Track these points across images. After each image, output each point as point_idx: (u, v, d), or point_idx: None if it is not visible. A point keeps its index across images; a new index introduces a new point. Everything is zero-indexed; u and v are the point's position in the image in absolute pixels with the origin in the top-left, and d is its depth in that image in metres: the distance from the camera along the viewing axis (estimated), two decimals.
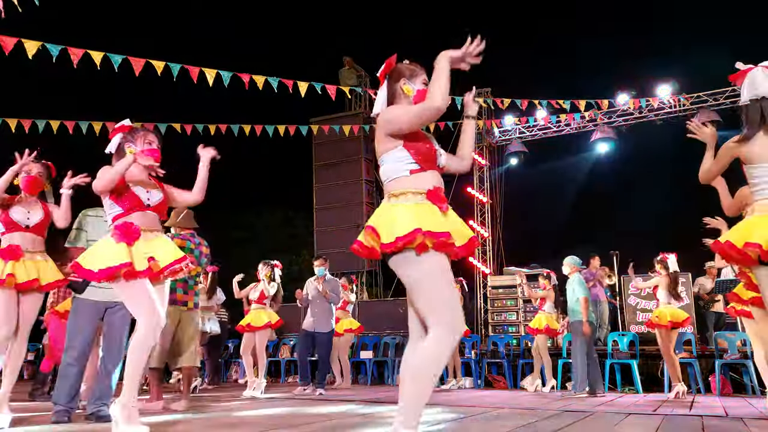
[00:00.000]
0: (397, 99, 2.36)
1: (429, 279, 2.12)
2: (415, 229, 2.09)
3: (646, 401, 5.64)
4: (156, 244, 2.97)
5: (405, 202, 2.20)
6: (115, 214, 2.94)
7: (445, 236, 2.13)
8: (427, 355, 2.07)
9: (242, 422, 3.68)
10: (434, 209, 2.20)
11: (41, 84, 13.40)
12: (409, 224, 2.11)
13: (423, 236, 2.08)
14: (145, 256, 2.85)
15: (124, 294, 2.87)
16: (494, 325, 10.42)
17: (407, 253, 2.12)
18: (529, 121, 11.85)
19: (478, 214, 12.63)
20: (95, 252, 2.91)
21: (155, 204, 3.06)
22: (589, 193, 13.69)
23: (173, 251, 3.02)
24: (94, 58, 6.00)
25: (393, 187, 2.25)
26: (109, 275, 2.77)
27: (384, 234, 2.15)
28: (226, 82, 6.77)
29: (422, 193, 2.22)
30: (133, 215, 2.94)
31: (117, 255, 2.79)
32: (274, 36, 20.39)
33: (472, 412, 4.25)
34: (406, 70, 2.38)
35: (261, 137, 8.36)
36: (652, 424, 3.63)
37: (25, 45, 5.62)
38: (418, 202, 2.20)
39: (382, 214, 2.23)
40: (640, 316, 8.77)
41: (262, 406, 4.86)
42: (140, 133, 3.09)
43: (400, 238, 2.09)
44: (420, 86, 2.36)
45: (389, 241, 2.12)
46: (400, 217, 2.15)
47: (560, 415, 4.08)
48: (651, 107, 11.04)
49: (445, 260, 2.19)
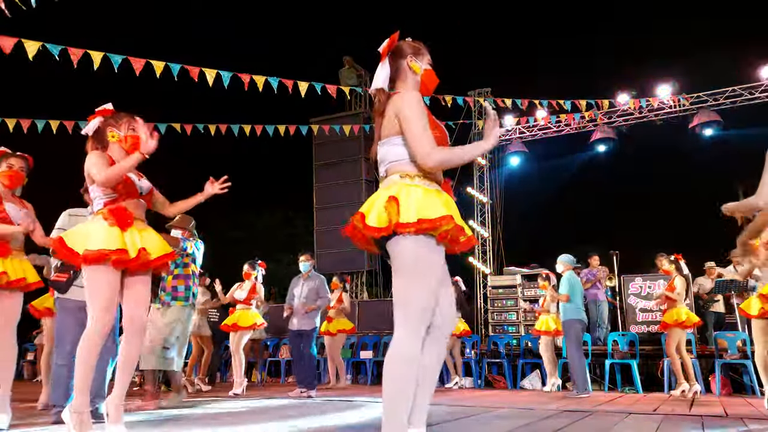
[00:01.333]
0: (402, 75, 2.21)
1: (431, 272, 1.97)
2: (447, 215, 1.92)
3: (646, 401, 5.64)
4: (147, 235, 2.84)
5: (425, 185, 2.01)
6: (108, 199, 2.78)
7: (462, 232, 2.01)
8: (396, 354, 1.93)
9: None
10: (453, 201, 2.07)
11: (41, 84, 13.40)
12: (440, 209, 1.93)
13: (453, 225, 1.93)
14: (137, 245, 2.72)
15: (91, 281, 2.67)
16: (494, 325, 10.41)
17: (424, 238, 1.94)
18: (529, 121, 11.86)
19: (478, 214, 12.63)
20: (83, 232, 2.73)
21: (145, 193, 2.96)
22: (589, 193, 13.70)
23: (163, 245, 2.90)
24: (94, 58, 6.00)
25: (406, 168, 2.05)
26: (97, 258, 2.60)
27: (405, 211, 1.92)
28: (226, 82, 6.77)
29: (439, 181, 2.08)
30: (127, 202, 2.81)
31: (110, 239, 2.64)
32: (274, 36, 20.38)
33: (472, 412, 4.25)
34: (410, 48, 2.23)
35: (261, 137, 8.36)
36: (652, 424, 3.62)
37: (25, 45, 5.62)
38: (437, 189, 2.05)
39: (402, 191, 1.98)
40: (640, 316, 8.76)
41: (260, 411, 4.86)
42: (124, 119, 2.96)
43: (424, 220, 1.89)
44: (426, 65, 2.23)
45: (409, 220, 1.90)
46: (427, 198, 1.96)
47: (560, 415, 4.08)
48: (651, 107, 11.04)
49: (444, 259, 2.06)
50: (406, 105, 2.06)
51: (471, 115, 12.43)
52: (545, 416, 4.00)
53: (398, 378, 1.91)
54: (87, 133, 2.98)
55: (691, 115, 10.81)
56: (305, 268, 6.59)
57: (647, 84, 10.77)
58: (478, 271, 12.22)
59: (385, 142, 2.13)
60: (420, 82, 2.23)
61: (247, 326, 6.51)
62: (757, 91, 10.58)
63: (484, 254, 12.41)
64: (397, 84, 2.22)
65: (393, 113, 2.09)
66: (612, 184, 13.72)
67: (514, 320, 10.25)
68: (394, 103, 2.10)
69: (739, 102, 10.63)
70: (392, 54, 2.22)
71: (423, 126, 2.03)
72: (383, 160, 2.15)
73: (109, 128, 2.95)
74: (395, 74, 2.21)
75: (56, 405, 3.63)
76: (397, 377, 1.91)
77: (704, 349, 7.63)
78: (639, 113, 11.36)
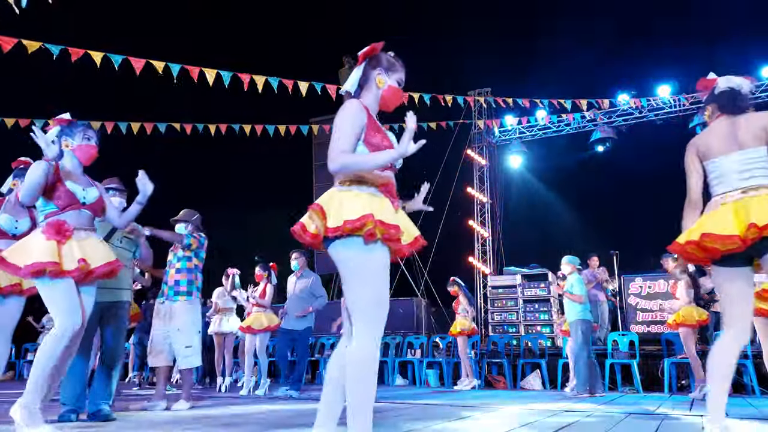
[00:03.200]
0: (368, 84, 2.28)
1: (368, 271, 2.04)
2: (368, 214, 2.01)
3: (646, 401, 5.64)
4: (88, 244, 2.89)
5: (358, 190, 2.12)
6: (48, 212, 2.86)
7: (395, 228, 2.06)
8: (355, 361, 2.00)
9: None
10: (387, 202, 2.13)
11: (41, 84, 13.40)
12: (361, 209, 2.03)
13: (374, 223, 2.01)
14: (76, 256, 2.78)
15: (44, 292, 2.77)
16: (494, 325, 10.42)
17: (353, 239, 2.04)
18: (530, 121, 11.86)
19: (478, 214, 12.64)
20: (23, 247, 2.81)
21: (91, 202, 3.00)
22: (588, 192, 13.70)
23: (106, 254, 2.95)
24: (94, 58, 6.01)
25: (346, 175, 2.16)
26: (34, 271, 2.69)
27: (332, 216, 2.05)
28: (226, 82, 6.78)
29: (376, 185, 2.15)
30: (68, 213, 2.86)
31: (45, 251, 2.72)
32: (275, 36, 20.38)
33: (472, 412, 4.25)
34: (386, 61, 2.29)
35: (261, 137, 8.36)
36: (652, 424, 3.62)
37: (25, 45, 5.62)
38: (372, 192, 2.13)
39: (331, 197, 2.14)
40: (640, 316, 8.77)
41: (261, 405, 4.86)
42: (80, 128, 3.03)
43: (348, 222, 2.00)
44: (393, 83, 2.28)
45: (336, 224, 2.02)
46: (351, 201, 2.07)
47: (560, 415, 4.08)
48: (651, 107, 11.05)
49: (387, 258, 2.12)
50: (339, 114, 2.16)
51: (471, 115, 12.43)
52: (545, 416, 4.00)
53: (363, 381, 1.98)
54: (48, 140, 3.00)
55: (691, 115, 10.81)
56: (296, 267, 6.60)
57: (647, 84, 10.78)
58: (478, 271, 12.22)
59: None
60: (381, 96, 2.29)
61: (261, 329, 6.51)
62: (757, 91, 10.58)
63: (484, 254, 12.41)
64: (362, 92, 2.30)
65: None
66: (612, 184, 13.71)
67: (514, 320, 10.25)
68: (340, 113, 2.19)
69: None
70: (368, 61, 2.30)
71: (344, 133, 2.11)
72: None
73: (64, 138, 3.00)
74: (363, 82, 2.30)
75: (65, 404, 3.61)
76: (362, 380, 1.98)
77: (704, 349, 7.62)
78: (639, 113, 11.36)
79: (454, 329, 7.88)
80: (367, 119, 2.17)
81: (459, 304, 7.95)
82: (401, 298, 10.18)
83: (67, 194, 2.89)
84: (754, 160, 2.46)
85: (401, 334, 9.31)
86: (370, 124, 2.17)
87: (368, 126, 2.16)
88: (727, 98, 2.64)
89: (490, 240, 12.40)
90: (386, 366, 8.93)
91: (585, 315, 6.39)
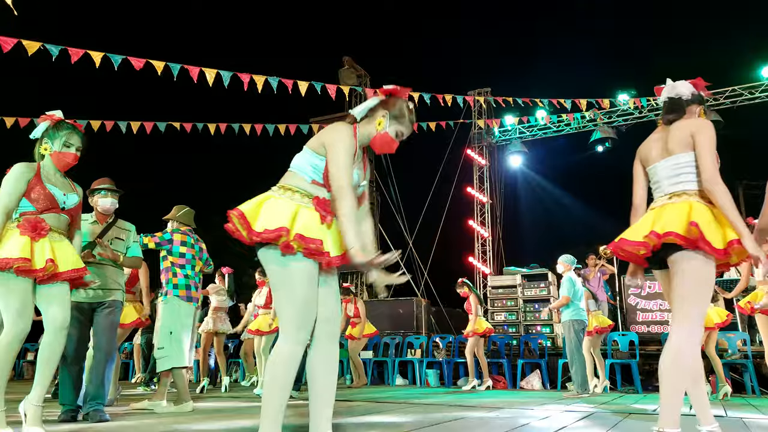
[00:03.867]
0: (370, 118, 2.34)
1: (287, 282, 2.10)
2: (281, 227, 2.06)
3: (646, 401, 5.64)
4: (60, 246, 2.85)
5: (290, 200, 2.16)
6: (26, 212, 2.82)
7: (316, 243, 2.07)
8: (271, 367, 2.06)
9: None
10: (315, 216, 2.15)
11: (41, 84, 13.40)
12: (280, 220, 2.08)
13: (287, 236, 2.05)
14: (46, 255, 2.74)
15: (2, 287, 2.68)
16: (494, 325, 10.40)
17: (274, 250, 2.10)
18: (530, 120, 11.86)
19: (478, 214, 12.64)
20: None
21: (70, 207, 2.97)
22: (588, 192, 13.71)
23: (75, 259, 2.91)
24: (94, 58, 6.00)
25: (287, 180, 2.23)
26: (2, 266, 2.64)
27: (257, 222, 2.11)
28: (226, 82, 6.77)
29: (310, 197, 2.19)
30: (46, 215, 2.83)
31: (17, 247, 2.68)
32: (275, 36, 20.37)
33: (472, 412, 4.25)
34: (398, 110, 2.32)
35: (261, 137, 8.37)
36: (652, 424, 3.62)
37: (25, 45, 5.62)
38: (303, 204, 2.17)
39: (261, 203, 2.18)
40: (640, 316, 8.77)
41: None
42: (64, 133, 2.96)
43: (268, 231, 2.06)
44: (391, 131, 2.32)
45: (258, 231, 2.08)
46: (276, 210, 2.12)
47: (560, 415, 4.08)
48: (651, 107, 11.04)
49: (311, 268, 2.13)
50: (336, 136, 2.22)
51: (471, 115, 12.43)
52: (545, 416, 4.00)
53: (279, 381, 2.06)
54: (35, 137, 2.98)
55: None
56: None
57: (647, 84, 10.79)
58: (478, 271, 12.22)
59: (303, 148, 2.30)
60: (374, 137, 2.33)
61: (269, 330, 6.67)
62: (757, 91, 10.58)
63: (484, 254, 12.41)
64: (362, 122, 2.35)
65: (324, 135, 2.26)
66: (612, 184, 13.71)
67: (514, 320, 10.25)
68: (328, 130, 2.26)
69: (739, 102, 10.63)
70: (387, 98, 2.33)
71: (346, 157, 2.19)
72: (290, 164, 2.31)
73: (44, 139, 2.96)
74: (370, 113, 2.34)
75: (64, 404, 3.61)
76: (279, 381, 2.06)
77: (704, 349, 7.62)
78: (639, 113, 11.36)
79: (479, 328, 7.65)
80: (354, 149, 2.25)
81: (470, 304, 7.81)
82: (401, 298, 10.18)
83: (48, 197, 2.85)
84: (682, 165, 2.49)
85: (401, 334, 9.31)
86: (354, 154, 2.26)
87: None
88: (665, 108, 2.70)
89: (490, 240, 12.40)
90: (386, 366, 8.92)
91: (577, 315, 6.35)
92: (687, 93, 2.65)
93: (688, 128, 2.52)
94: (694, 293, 2.34)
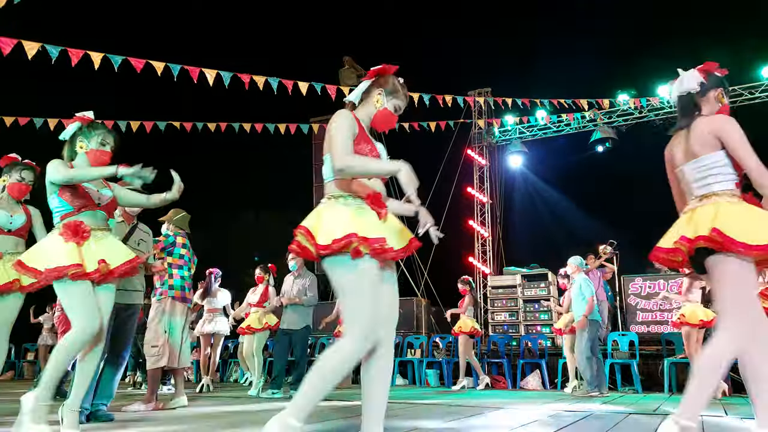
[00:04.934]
0: (367, 100, 2.38)
1: (357, 288, 2.12)
2: (351, 234, 2.08)
3: (646, 401, 5.64)
4: (106, 244, 2.86)
5: (345, 206, 2.19)
6: (63, 213, 2.82)
7: (380, 242, 2.11)
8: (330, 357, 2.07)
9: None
10: (372, 214, 2.19)
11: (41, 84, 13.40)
12: (346, 227, 2.10)
13: (358, 241, 2.08)
14: (96, 257, 2.76)
15: (64, 295, 2.72)
16: (494, 325, 10.41)
17: (341, 257, 2.12)
18: (530, 120, 11.86)
19: (478, 214, 12.63)
20: (41, 250, 2.79)
21: (105, 203, 2.97)
22: (588, 193, 13.69)
23: (125, 252, 2.93)
24: (93, 59, 6.01)
25: (333, 188, 2.25)
26: (57, 275, 2.66)
27: (320, 236, 2.13)
28: (226, 82, 6.78)
29: (362, 197, 2.21)
30: (83, 214, 2.83)
31: (66, 254, 2.69)
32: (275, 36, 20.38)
33: (473, 412, 4.25)
34: (391, 85, 2.37)
35: (261, 136, 8.37)
36: (652, 424, 3.62)
37: (24, 46, 5.62)
38: (358, 206, 2.20)
39: (320, 215, 2.21)
40: (640, 316, 8.77)
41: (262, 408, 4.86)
42: (99, 132, 2.97)
43: (336, 241, 2.08)
44: (390, 107, 2.36)
45: (325, 243, 2.11)
46: (337, 219, 2.15)
47: (560, 415, 4.08)
48: (651, 107, 11.05)
49: (376, 270, 2.17)
50: (332, 123, 2.24)
51: (471, 115, 12.43)
52: (545, 416, 4.00)
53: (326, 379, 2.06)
54: (64, 138, 2.98)
55: None
56: (294, 267, 6.61)
57: (647, 84, 10.78)
58: (478, 271, 12.22)
59: (324, 159, 2.30)
60: (374, 116, 2.38)
61: (260, 328, 6.68)
62: (757, 91, 10.58)
63: (484, 254, 12.41)
64: (360, 105, 2.39)
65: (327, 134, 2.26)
66: (612, 184, 13.71)
67: (514, 320, 10.25)
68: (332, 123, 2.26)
69: (739, 102, 10.63)
70: (376, 78, 2.38)
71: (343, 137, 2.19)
72: (324, 176, 2.32)
73: (80, 138, 2.97)
74: (365, 96, 2.38)
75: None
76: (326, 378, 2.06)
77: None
78: (639, 113, 11.36)
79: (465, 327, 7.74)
80: (358, 130, 2.26)
81: (464, 303, 7.88)
82: (401, 298, 10.11)
83: (84, 195, 2.86)
84: (708, 167, 2.44)
85: (401, 334, 9.30)
86: (360, 135, 2.26)
87: (358, 136, 2.26)
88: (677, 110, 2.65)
89: (490, 240, 12.40)
90: None
91: (594, 315, 6.38)
92: (695, 85, 2.56)
93: (707, 126, 2.44)
94: (733, 298, 2.25)
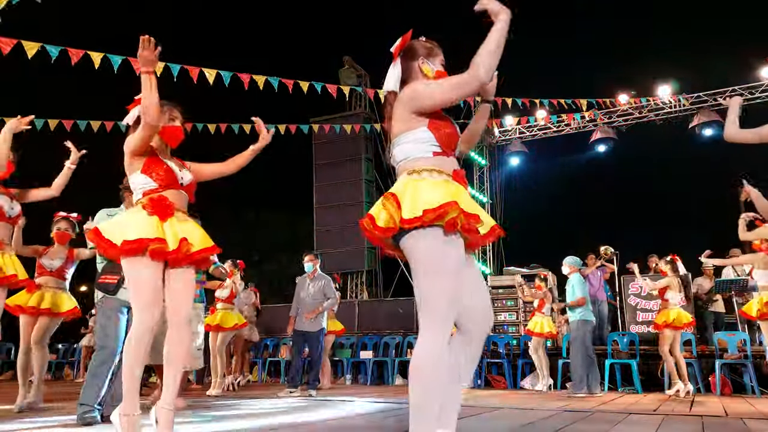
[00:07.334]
0: (414, 77, 2.12)
1: (441, 268, 1.87)
2: (451, 202, 1.85)
3: (646, 401, 5.64)
4: (188, 227, 2.66)
5: (432, 178, 1.95)
6: (148, 189, 2.62)
7: (475, 218, 1.91)
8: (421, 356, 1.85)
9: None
10: (463, 190, 1.98)
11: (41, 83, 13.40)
12: (442, 197, 1.86)
13: (457, 211, 1.85)
14: (178, 235, 2.54)
15: (132, 274, 2.48)
16: (494, 325, 10.41)
17: (431, 230, 1.87)
18: (530, 120, 11.86)
19: None
20: (121, 222, 2.57)
21: (187, 183, 2.78)
22: (588, 193, 13.71)
23: (205, 238, 2.70)
24: (93, 59, 6.00)
25: (413, 165, 2.00)
26: (136, 248, 2.43)
27: (407, 206, 1.87)
28: (227, 82, 6.78)
29: (448, 173, 2.00)
30: (168, 192, 2.64)
31: (149, 228, 2.47)
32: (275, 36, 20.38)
33: (473, 412, 4.25)
34: (423, 48, 2.14)
35: None
36: (652, 424, 3.62)
37: (24, 46, 5.62)
38: (446, 179, 1.97)
39: (405, 185, 1.94)
40: (640, 316, 8.76)
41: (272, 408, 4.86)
42: (164, 108, 2.75)
43: (428, 211, 1.83)
44: (439, 67, 2.14)
45: (413, 215, 1.85)
46: (430, 189, 1.90)
47: (560, 415, 4.07)
48: (651, 107, 11.05)
49: (463, 251, 1.95)
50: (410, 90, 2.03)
51: (471, 115, 12.43)
52: (545, 416, 4.00)
53: (425, 380, 1.84)
54: (128, 122, 2.81)
55: (691, 115, 10.81)
56: (309, 269, 6.61)
57: (647, 84, 10.78)
58: None
59: (394, 143, 2.08)
60: None
61: (229, 327, 6.61)
62: (757, 91, 10.58)
63: (484, 254, 12.42)
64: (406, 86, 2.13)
65: (402, 111, 2.04)
66: (612, 184, 13.72)
67: (514, 320, 10.24)
68: (401, 100, 2.04)
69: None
70: (404, 54, 2.14)
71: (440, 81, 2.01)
72: (395, 161, 2.10)
73: None
74: (406, 76, 2.13)
75: (84, 404, 3.44)
76: (424, 380, 1.84)
77: (704, 349, 7.63)
78: (639, 113, 11.36)
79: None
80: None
81: None
82: (401, 298, 10.18)
83: (168, 172, 2.67)
84: None
85: (401, 334, 9.30)
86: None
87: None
88: None
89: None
90: (386, 366, 8.92)
91: (586, 316, 6.41)
92: None
93: None
94: None
